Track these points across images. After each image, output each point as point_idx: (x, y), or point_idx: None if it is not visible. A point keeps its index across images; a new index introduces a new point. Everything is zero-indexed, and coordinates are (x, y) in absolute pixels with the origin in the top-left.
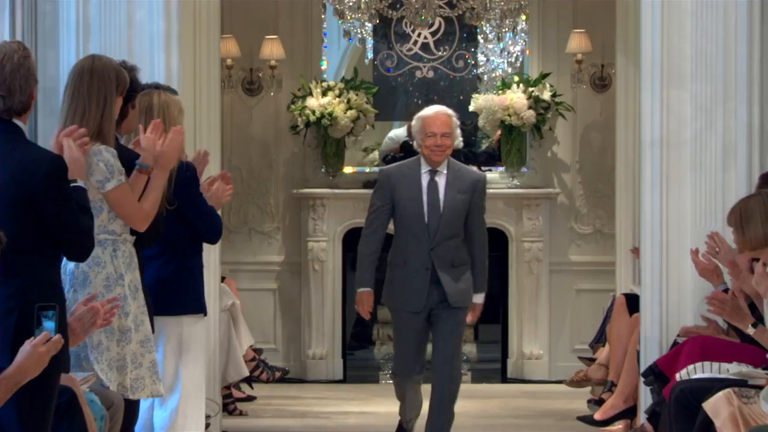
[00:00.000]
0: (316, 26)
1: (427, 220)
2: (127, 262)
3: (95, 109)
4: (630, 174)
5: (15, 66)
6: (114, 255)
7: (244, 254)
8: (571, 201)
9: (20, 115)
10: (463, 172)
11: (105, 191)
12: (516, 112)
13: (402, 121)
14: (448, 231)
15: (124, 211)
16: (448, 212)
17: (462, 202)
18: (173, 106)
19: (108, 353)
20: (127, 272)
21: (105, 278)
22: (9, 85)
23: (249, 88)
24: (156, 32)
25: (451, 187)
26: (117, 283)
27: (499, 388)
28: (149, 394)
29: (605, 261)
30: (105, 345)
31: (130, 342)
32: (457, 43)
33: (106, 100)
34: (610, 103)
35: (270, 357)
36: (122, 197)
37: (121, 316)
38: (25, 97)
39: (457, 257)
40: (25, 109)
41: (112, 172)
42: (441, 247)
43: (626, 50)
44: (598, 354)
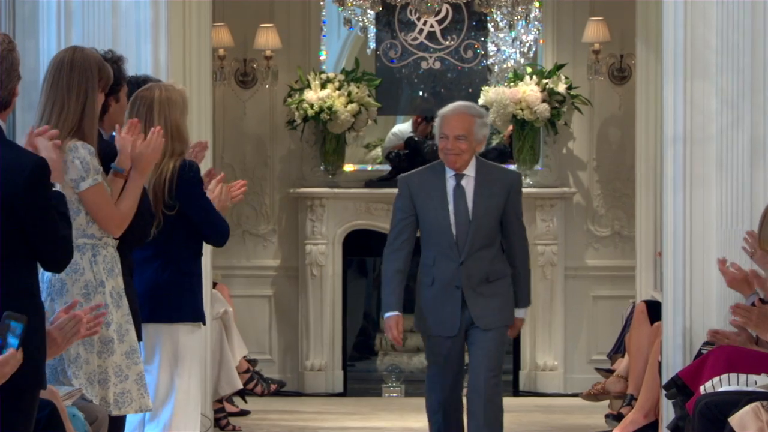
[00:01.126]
0: (315, 14)
1: (455, 231)
2: (108, 267)
3: (75, 103)
4: (651, 172)
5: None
6: (93, 261)
7: (238, 258)
8: (588, 201)
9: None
10: (495, 173)
11: (80, 191)
12: (529, 106)
13: (406, 116)
14: (480, 241)
15: (98, 213)
16: (478, 221)
17: (495, 207)
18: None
19: (87, 366)
20: (108, 279)
21: (83, 286)
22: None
23: (242, 80)
24: (143, 20)
25: (481, 191)
26: (97, 290)
27: (511, 402)
28: (137, 408)
29: (624, 265)
30: (84, 358)
31: (112, 353)
32: (465, 32)
33: (87, 95)
34: (630, 97)
35: (265, 368)
36: (97, 198)
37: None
38: (6, 93)
39: (492, 271)
40: (5, 105)
41: (87, 171)
42: (472, 260)
43: (647, 39)
44: (616, 365)
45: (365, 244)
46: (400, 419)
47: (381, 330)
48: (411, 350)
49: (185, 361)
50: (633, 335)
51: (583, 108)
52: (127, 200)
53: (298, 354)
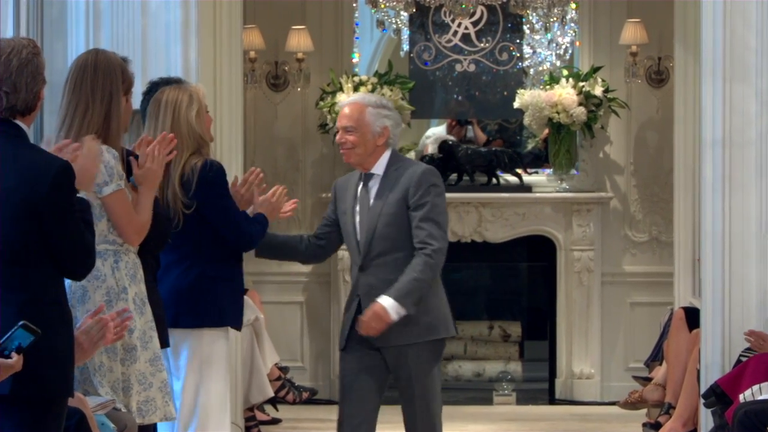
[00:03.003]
0: (348, 16)
1: (359, 236)
2: (130, 273)
3: (99, 106)
4: (689, 176)
5: (23, 62)
6: (116, 267)
7: (269, 264)
8: (625, 206)
9: (24, 116)
10: (402, 169)
11: (102, 195)
12: (565, 109)
13: (440, 119)
14: (380, 246)
15: (119, 219)
16: (376, 223)
17: (395, 206)
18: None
19: (111, 375)
20: (131, 285)
21: (106, 293)
22: (14, 81)
23: (274, 83)
24: (173, 21)
25: (384, 191)
26: (119, 297)
27: (546, 411)
28: (161, 417)
29: (662, 272)
30: (108, 366)
31: (136, 361)
32: (500, 34)
33: (111, 97)
34: (668, 100)
35: (297, 376)
36: (119, 204)
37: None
38: (30, 96)
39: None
40: (29, 109)
41: (111, 176)
42: (373, 267)
43: (685, 41)
44: (654, 373)
45: None
46: None
47: None
48: (446, 357)
49: (211, 368)
50: (671, 342)
51: (621, 111)
52: (144, 211)
53: (330, 361)
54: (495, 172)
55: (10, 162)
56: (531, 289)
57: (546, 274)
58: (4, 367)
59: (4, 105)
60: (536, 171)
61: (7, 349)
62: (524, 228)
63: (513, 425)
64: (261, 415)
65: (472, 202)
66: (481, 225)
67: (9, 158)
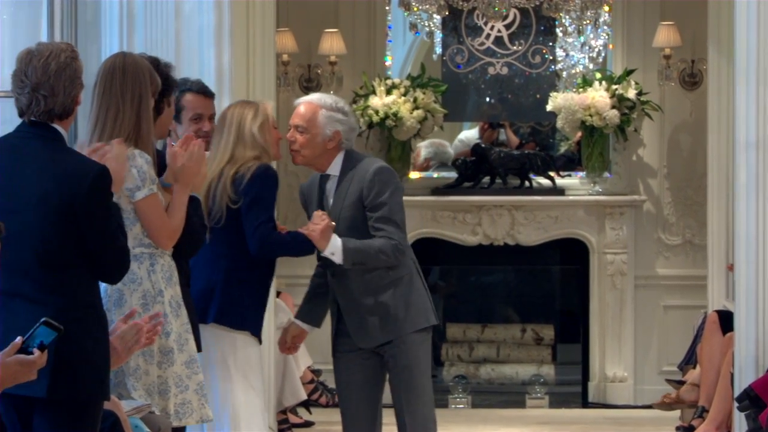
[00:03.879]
0: (380, 19)
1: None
2: (166, 276)
3: (130, 108)
4: (723, 179)
5: (61, 66)
6: (151, 270)
7: (302, 267)
8: (659, 209)
9: (61, 120)
10: (356, 169)
11: (135, 200)
12: (598, 112)
13: (473, 122)
14: None
15: (150, 224)
16: (339, 226)
17: (351, 207)
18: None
19: (147, 378)
20: (167, 288)
21: (142, 296)
22: (52, 84)
23: (307, 86)
24: (206, 25)
25: (341, 192)
26: (155, 300)
27: (579, 414)
28: (198, 419)
29: (696, 275)
30: (143, 369)
31: (173, 364)
32: (533, 37)
33: (141, 99)
34: (702, 102)
35: (329, 379)
36: (151, 209)
37: (161, 336)
38: (68, 100)
39: (370, 278)
40: (67, 113)
41: (144, 180)
42: (342, 270)
43: (719, 44)
44: (687, 376)
45: (431, 252)
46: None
47: (447, 340)
48: (478, 361)
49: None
50: (705, 346)
51: (654, 114)
52: (176, 213)
53: None
54: (528, 175)
55: (48, 166)
56: (564, 292)
57: (579, 277)
58: (26, 363)
59: (42, 108)
60: (569, 174)
61: (30, 347)
62: (557, 231)
63: (546, 429)
64: (294, 417)
65: (504, 205)
66: (513, 228)
67: (47, 162)
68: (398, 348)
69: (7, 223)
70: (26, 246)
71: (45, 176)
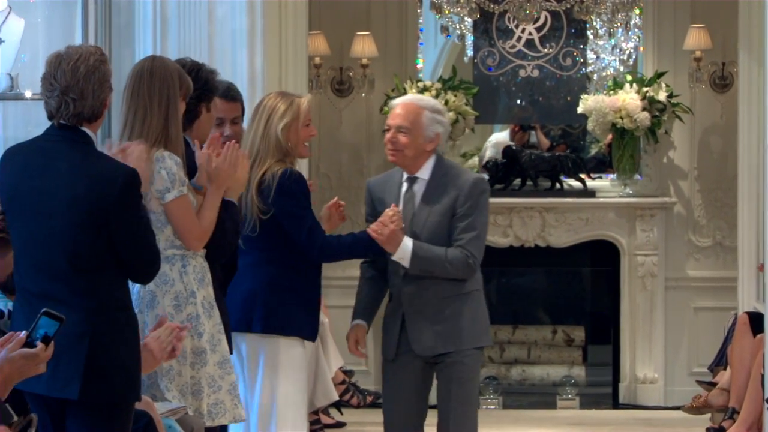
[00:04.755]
0: (412, 22)
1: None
2: (198, 278)
3: (158, 111)
4: (754, 181)
5: (90, 69)
6: (183, 271)
7: (333, 269)
8: (689, 211)
9: (90, 123)
10: (450, 176)
11: (165, 202)
12: (629, 114)
13: (504, 125)
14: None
15: (180, 225)
16: (420, 229)
17: (440, 214)
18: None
19: (179, 378)
20: (199, 289)
21: (174, 297)
22: (81, 88)
23: (339, 88)
24: (239, 28)
25: (430, 196)
26: (188, 301)
27: (610, 415)
28: (231, 419)
29: (726, 276)
30: (176, 370)
31: (205, 364)
32: (564, 40)
33: (169, 102)
34: (732, 105)
35: (361, 380)
36: (181, 210)
37: (194, 336)
38: (97, 103)
39: (446, 287)
40: (96, 116)
41: (174, 182)
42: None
43: (749, 47)
44: (718, 378)
45: None
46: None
47: None
48: (509, 362)
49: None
50: (735, 347)
51: (684, 116)
52: (206, 215)
53: None
54: (558, 177)
55: (78, 169)
56: (594, 293)
57: (609, 279)
58: (30, 357)
59: (71, 111)
60: (600, 176)
61: (35, 340)
62: (588, 233)
63: (577, 429)
64: (326, 418)
65: (535, 207)
66: (544, 230)
67: (77, 165)
68: (458, 361)
69: (38, 226)
70: (57, 249)
71: (75, 180)
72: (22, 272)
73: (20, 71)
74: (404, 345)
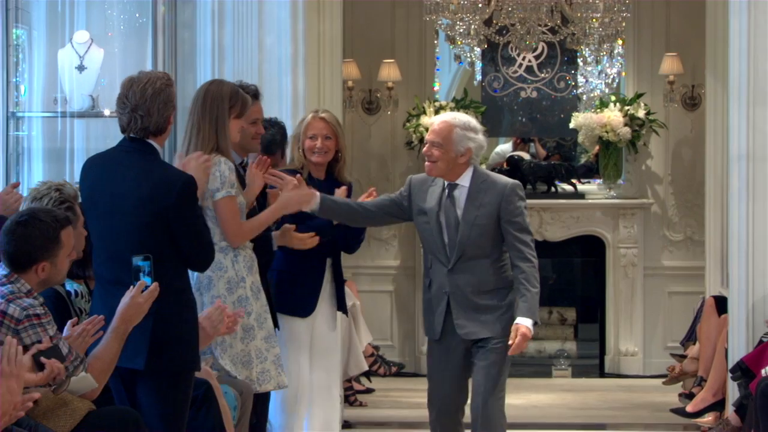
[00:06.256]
0: (430, 51)
1: (446, 238)
2: (248, 266)
3: (209, 127)
4: (719, 186)
5: (156, 91)
6: (235, 260)
7: (364, 259)
8: (664, 210)
9: (156, 136)
10: (489, 183)
11: (214, 200)
12: (613, 129)
13: (507, 138)
14: (469, 251)
15: (223, 222)
16: (467, 230)
17: (485, 216)
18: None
19: (231, 350)
20: (248, 275)
21: (227, 282)
22: (148, 106)
23: (368, 107)
24: (284, 56)
25: (472, 201)
26: (239, 285)
27: (597, 383)
28: (275, 385)
29: (695, 266)
30: (228, 342)
31: (254, 339)
32: (558, 66)
33: (218, 120)
34: (700, 121)
35: (387, 353)
36: (225, 209)
37: (243, 315)
38: (161, 120)
39: (486, 281)
40: (160, 131)
41: (224, 183)
42: (461, 269)
43: (715, 72)
44: (688, 351)
45: None
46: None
47: None
48: None
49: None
50: (703, 326)
51: (660, 131)
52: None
53: (415, 340)
54: (554, 182)
55: (144, 175)
56: (584, 280)
57: (596, 268)
58: (148, 296)
59: (139, 126)
60: (588, 181)
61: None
62: (578, 229)
63: (569, 395)
64: (357, 385)
65: (534, 207)
66: (542, 226)
67: (143, 172)
68: (498, 344)
69: (111, 223)
70: (127, 242)
71: (142, 184)
72: (100, 262)
73: (100, 93)
74: (449, 327)
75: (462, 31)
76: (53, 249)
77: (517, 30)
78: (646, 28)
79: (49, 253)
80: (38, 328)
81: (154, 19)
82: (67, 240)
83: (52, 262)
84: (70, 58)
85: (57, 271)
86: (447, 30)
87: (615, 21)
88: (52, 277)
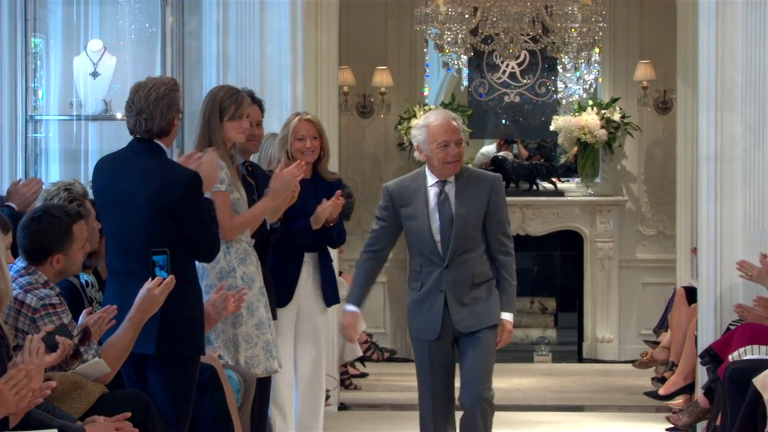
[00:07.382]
0: (420, 59)
1: (439, 237)
2: (240, 258)
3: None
4: (689, 184)
5: (159, 96)
6: (227, 252)
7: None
8: (638, 207)
9: (161, 138)
10: (475, 176)
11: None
12: (590, 131)
13: (492, 139)
14: (464, 245)
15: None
16: (461, 224)
17: (477, 209)
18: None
19: (223, 335)
20: (239, 266)
21: (218, 272)
22: (151, 110)
23: (362, 111)
24: (284, 64)
25: (463, 195)
26: (229, 275)
27: (575, 367)
28: (263, 370)
29: (667, 258)
30: (220, 328)
31: (243, 325)
32: (539, 73)
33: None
34: (672, 124)
35: (380, 339)
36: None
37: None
38: (164, 122)
39: (478, 273)
40: (164, 133)
41: (223, 179)
42: (456, 264)
43: (685, 78)
44: (660, 338)
45: None
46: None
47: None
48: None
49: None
50: (674, 314)
51: (634, 133)
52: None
53: (407, 328)
54: (535, 181)
55: (152, 173)
56: (563, 272)
57: (575, 261)
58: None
59: (143, 128)
60: (568, 180)
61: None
62: (558, 224)
63: (549, 379)
64: (352, 370)
65: (517, 204)
66: (524, 222)
67: (151, 171)
68: (488, 334)
69: (122, 219)
70: (137, 236)
71: (150, 182)
72: (112, 255)
73: (113, 98)
74: (446, 325)
75: (450, 40)
76: (66, 242)
77: (501, 39)
78: (621, 38)
79: (62, 246)
80: (54, 317)
81: (162, 29)
82: (79, 233)
83: (66, 254)
84: (85, 65)
85: (71, 262)
86: (436, 39)
87: (592, 31)
88: (67, 268)
